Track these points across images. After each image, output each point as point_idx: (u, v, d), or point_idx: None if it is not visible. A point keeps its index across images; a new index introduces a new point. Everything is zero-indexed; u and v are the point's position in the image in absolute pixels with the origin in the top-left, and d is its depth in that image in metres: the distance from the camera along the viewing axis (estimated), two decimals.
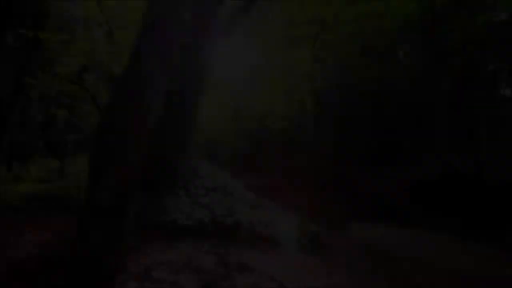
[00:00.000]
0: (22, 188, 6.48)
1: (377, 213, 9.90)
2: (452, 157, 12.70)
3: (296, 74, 11.23)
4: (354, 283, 2.75)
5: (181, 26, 2.45)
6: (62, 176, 10.51)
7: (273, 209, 5.28)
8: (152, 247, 2.92)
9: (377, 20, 14.47)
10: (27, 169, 10.78)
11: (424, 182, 12.81)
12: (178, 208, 4.00)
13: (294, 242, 3.86)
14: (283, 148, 29.72)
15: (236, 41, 9.99)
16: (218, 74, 9.81)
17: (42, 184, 7.89)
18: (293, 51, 11.37)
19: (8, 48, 14.79)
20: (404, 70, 14.11)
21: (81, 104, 11.03)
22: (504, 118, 15.13)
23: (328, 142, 21.75)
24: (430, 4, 11.46)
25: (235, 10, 7.20)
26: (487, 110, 15.21)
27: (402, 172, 15.21)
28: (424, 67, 12.73)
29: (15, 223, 3.82)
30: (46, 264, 2.38)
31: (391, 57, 21.15)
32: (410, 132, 16.97)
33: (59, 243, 3.00)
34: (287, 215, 5.17)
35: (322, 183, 19.21)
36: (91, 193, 2.05)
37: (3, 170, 10.21)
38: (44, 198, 4.99)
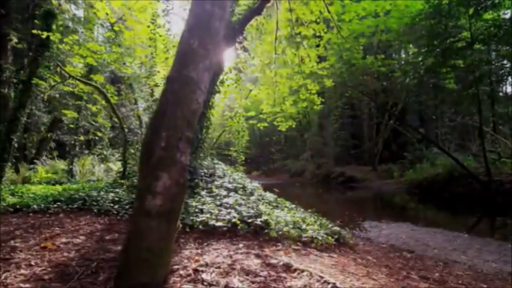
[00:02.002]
0: (39, 189, 6.44)
1: (387, 212, 9.92)
2: (460, 156, 12.70)
3: (302, 73, 11.18)
4: (399, 284, 2.74)
5: (225, 23, 2.42)
6: (72, 176, 10.48)
7: (293, 209, 5.27)
8: (189, 249, 2.90)
9: (383, 19, 14.49)
10: (36, 170, 10.74)
11: (433, 181, 12.82)
12: (204, 209, 3.99)
13: (322, 242, 3.84)
14: (289, 147, 29.79)
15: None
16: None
17: (58, 186, 7.87)
18: (300, 51, 11.36)
19: (12, 49, 14.75)
20: (411, 68, 14.06)
21: (88, 104, 10.99)
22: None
23: (334, 141, 21.82)
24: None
25: (247, 11, 7.18)
26: (491, 108, 15.25)
27: (410, 171, 15.25)
28: (430, 65, 12.68)
29: (44, 224, 3.79)
30: (89, 266, 2.35)
31: (396, 55, 21.22)
32: (417, 131, 16.98)
33: (95, 245, 2.97)
34: (306, 215, 5.14)
35: (329, 182, 19.26)
36: (143, 197, 2.03)
37: (11, 172, 10.14)
38: (67, 199, 4.95)
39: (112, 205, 4.67)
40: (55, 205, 4.75)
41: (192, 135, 2.25)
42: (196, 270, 2.26)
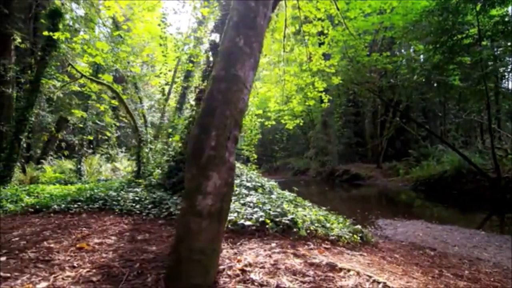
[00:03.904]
0: (53, 189, 6.41)
1: (396, 210, 9.92)
2: (465, 153, 12.69)
3: (310, 71, 11.15)
4: (437, 282, 2.73)
5: (267, 21, 2.40)
6: (80, 176, 10.45)
7: (312, 207, 5.26)
8: (224, 248, 2.88)
9: (388, 15, 14.46)
10: (44, 170, 10.70)
11: (440, 178, 12.82)
12: (231, 208, 3.97)
13: (348, 240, 3.83)
14: (292, 145, 29.74)
15: None
16: None
17: (70, 185, 7.84)
18: (308, 48, 11.32)
19: (16, 49, 14.65)
20: (418, 65, 14.03)
21: (97, 104, 10.94)
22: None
23: (338, 139, 21.82)
24: None
25: None
26: (495, 104, 15.27)
27: (416, 168, 15.25)
28: (437, 62, 12.66)
29: (70, 225, 3.76)
30: (132, 267, 2.34)
31: (398, 52, 21.18)
32: (424, 127, 16.95)
33: (128, 245, 2.96)
34: (325, 213, 5.13)
35: (333, 180, 19.25)
36: (194, 197, 2.01)
37: (19, 172, 10.09)
38: (87, 199, 4.92)
39: (133, 204, 4.65)
40: (76, 205, 4.72)
41: (238, 135, 2.23)
42: (243, 270, 2.25)
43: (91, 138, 11.16)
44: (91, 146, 12.68)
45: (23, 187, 6.51)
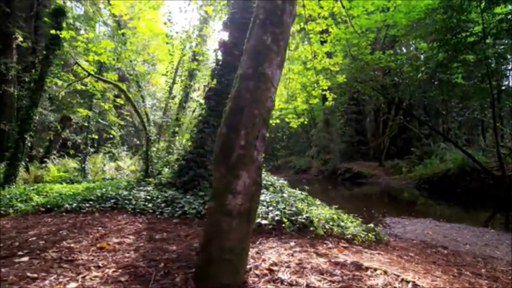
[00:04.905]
0: (60, 188, 6.39)
1: (402, 208, 9.93)
2: (468, 151, 12.69)
3: (314, 69, 11.12)
4: (459, 280, 2.73)
5: (292, 18, 2.39)
6: (85, 175, 10.42)
7: (323, 207, 5.25)
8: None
9: (391, 13, 14.42)
10: (48, 169, 10.67)
11: (443, 176, 12.83)
12: None
13: (363, 239, 3.83)
14: (293, 144, 29.71)
15: None
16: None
17: (77, 184, 7.82)
18: (312, 46, 11.29)
19: (17, 48, 14.57)
20: (422, 63, 14.02)
21: (100, 102, 10.90)
22: None
23: (340, 137, 21.79)
24: None
25: None
26: (497, 102, 15.25)
27: (419, 166, 15.27)
28: (442, 60, 12.65)
29: (85, 224, 3.75)
30: (157, 267, 2.33)
31: (399, 50, 21.16)
32: (428, 125, 16.93)
33: (148, 244, 2.95)
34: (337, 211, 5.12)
35: (335, 178, 19.26)
36: (223, 196, 2.00)
37: (23, 171, 10.05)
38: (98, 198, 4.90)
39: (146, 203, 4.63)
40: (87, 205, 4.71)
41: (265, 134, 2.22)
42: (270, 270, 2.24)
43: (96, 137, 11.10)
44: (95, 145, 12.63)
45: (31, 186, 6.48)
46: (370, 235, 4.02)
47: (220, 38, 6.19)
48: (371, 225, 4.55)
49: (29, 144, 9.56)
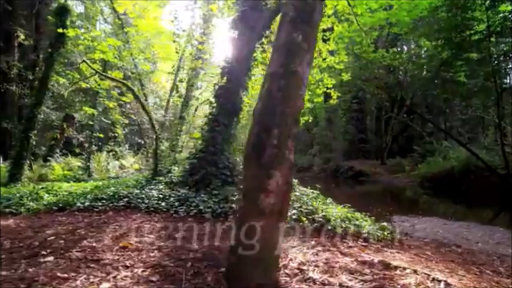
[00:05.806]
0: (69, 186, 6.36)
1: (407, 206, 9.95)
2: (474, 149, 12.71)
3: (319, 67, 11.07)
4: (484, 278, 2.73)
5: (321, 16, 2.37)
6: (90, 174, 10.39)
7: (336, 205, 5.24)
8: None
9: (394, 11, 14.38)
10: (52, 167, 10.62)
11: (447, 174, 12.85)
12: None
13: (379, 238, 3.82)
14: (296, 142, 29.64)
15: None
16: None
17: (83, 183, 7.79)
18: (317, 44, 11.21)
19: (19, 46, 14.48)
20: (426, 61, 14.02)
21: (104, 100, 10.86)
22: None
23: (342, 135, 21.82)
24: None
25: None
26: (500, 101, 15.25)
27: (422, 165, 15.29)
28: (446, 58, 12.65)
29: (101, 223, 3.73)
30: (185, 266, 2.32)
31: (399, 48, 21.15)
32: (432, 123, 16.96)
33: (169, 244, 2.94)
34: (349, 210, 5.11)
35: (338, 177, 19.28)
36: (255, 196, 1.99)
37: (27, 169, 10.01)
38: (110, 197, 4.88)
39: (159, 202, 4.62)
40: (100, 203, 4.68)
41: (296, 132, 2.20)
42: (300, 269, 2.23)
43: (101, 135, 11.06)
44: (99, 143, 12.58)
45: (39, 185, 6.44)
46: (385, 234, 4.02)
47: (230, 36, 6.17)
48: (385, 224, 4.56)
49: (33, 142, 9.53)
